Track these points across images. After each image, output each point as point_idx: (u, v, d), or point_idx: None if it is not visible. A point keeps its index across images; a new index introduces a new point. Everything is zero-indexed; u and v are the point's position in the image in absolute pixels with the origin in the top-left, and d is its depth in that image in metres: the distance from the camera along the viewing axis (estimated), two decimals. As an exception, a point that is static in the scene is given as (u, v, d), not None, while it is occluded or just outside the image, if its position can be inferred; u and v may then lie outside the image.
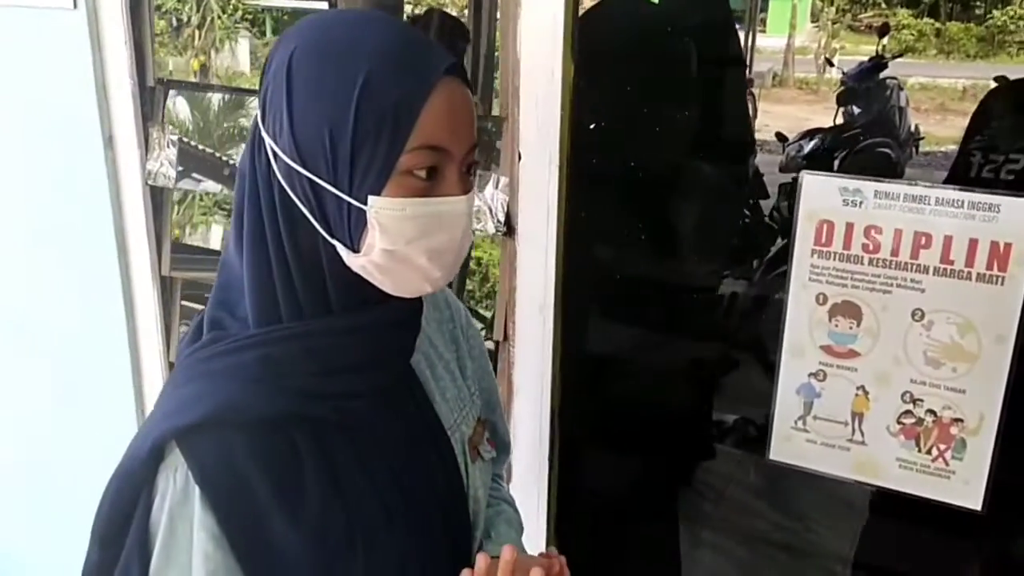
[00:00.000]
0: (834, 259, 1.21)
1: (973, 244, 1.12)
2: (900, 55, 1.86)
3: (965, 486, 1.22)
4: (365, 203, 0.79)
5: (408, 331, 0.92)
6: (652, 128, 1.57)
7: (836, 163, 2.46)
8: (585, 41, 1.30)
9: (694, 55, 1.67)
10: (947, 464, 1.22)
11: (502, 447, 1.12)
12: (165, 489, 0.82)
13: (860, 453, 1.27)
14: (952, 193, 1.12)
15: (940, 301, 1.16)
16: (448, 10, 1.49)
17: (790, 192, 2.02)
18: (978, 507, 1.21)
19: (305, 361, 0.84)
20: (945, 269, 1.15)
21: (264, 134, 0.82)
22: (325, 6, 1.60)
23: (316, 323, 0.84)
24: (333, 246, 0.82)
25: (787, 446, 1.31)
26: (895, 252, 1.17)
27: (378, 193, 0.79)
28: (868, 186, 1.16)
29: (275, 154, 0.81)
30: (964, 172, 1.44)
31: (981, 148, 1.40)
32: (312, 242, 0.83)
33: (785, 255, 1.94)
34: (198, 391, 0.84)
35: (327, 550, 0.84)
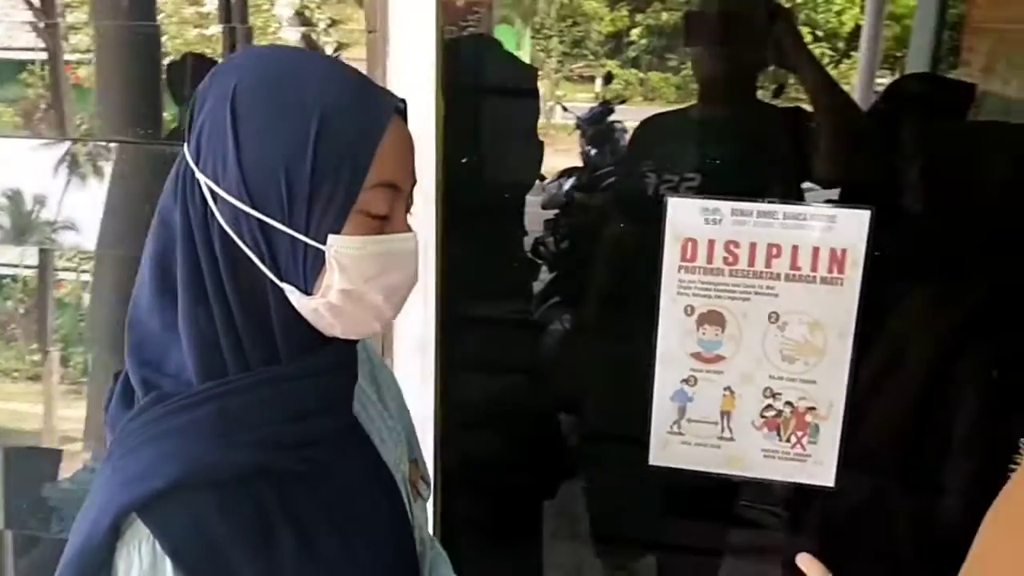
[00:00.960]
0: (699, 273, 1.33)
1: (816, 251, 1.29)
2: (623, 101, 2.05)
3: (819, 467, 1.37)
4: (324, 243, 0.77)
5: (351, 373, 0.90)
6: (510, 162, 1.64)
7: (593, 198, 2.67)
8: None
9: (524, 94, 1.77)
10: (804, 449, 1.37)
11: (426, 485, 1.12)
12: (128, 568, 0.76)
13: (730, 448, 1.39)
14: (796, 208, 1.28)
15: (792, 304, 1.31)
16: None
17: (554, 227, 2.15)
18: (831, 484, 1.37)
19: (263, 411, 0.80)
20: (794, 275, 1.30)
21: (200, 176, 0.78)
22: (44, 56, 1.50)
23: (268, 372, 0.81)
24: (280, 290, 0.79)
25: (665, 451, 1.41)
26: (751, 263, 1.31)
27: (337, 232, 0.78)
28: (726, 205, 1.30)
29: (215, 196, 0.77)
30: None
31: (654, 170, 1.57)
32: (258, 287, 0.80)
33: (555, 288, 2.06)
34: (157, 454, 0.77)
35: None
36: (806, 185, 1.43)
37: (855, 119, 1.52)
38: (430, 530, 1.46)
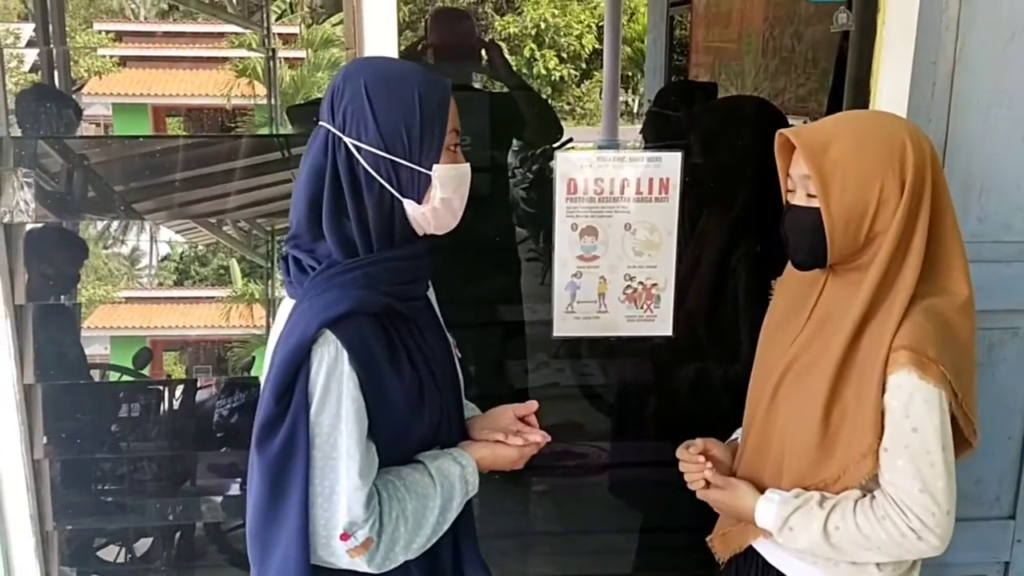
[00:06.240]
0: (579, 201, 2.02)
1: (651, 181, 2.02)
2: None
3: (663, 323, 2.11)
4: (430, 169, 1.32)
5: (428, 261, 1.44)
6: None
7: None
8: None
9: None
10: (652, 312, 2.10)
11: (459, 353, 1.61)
12: (321, 358, 1.25)
13: (605, 318, 2.09)
14: (635, 153, 2.02)
15: (638, 216, 2.03)
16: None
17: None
18: (670, 332, 2.11)
19: (390, 276, 1.32)
20: (639, 197, 2.02)
21: (345, 138, 1.28)
22: None
23: (392, 252, 1.33)
24: (400, 203, 1.32)
25: (564, 325, 2.08)
26: (611, 191, 2.02)
27: (437, 162, 1.33)
28: (592, 154, 2.00)
29: (358, 149, 1.28)
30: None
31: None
32: (385, 204, 1.31)
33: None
34: (337, 295, 1.27)
35: (411, 401, 1.34)
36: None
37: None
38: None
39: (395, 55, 1.87)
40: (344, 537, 1.26)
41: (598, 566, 2.28)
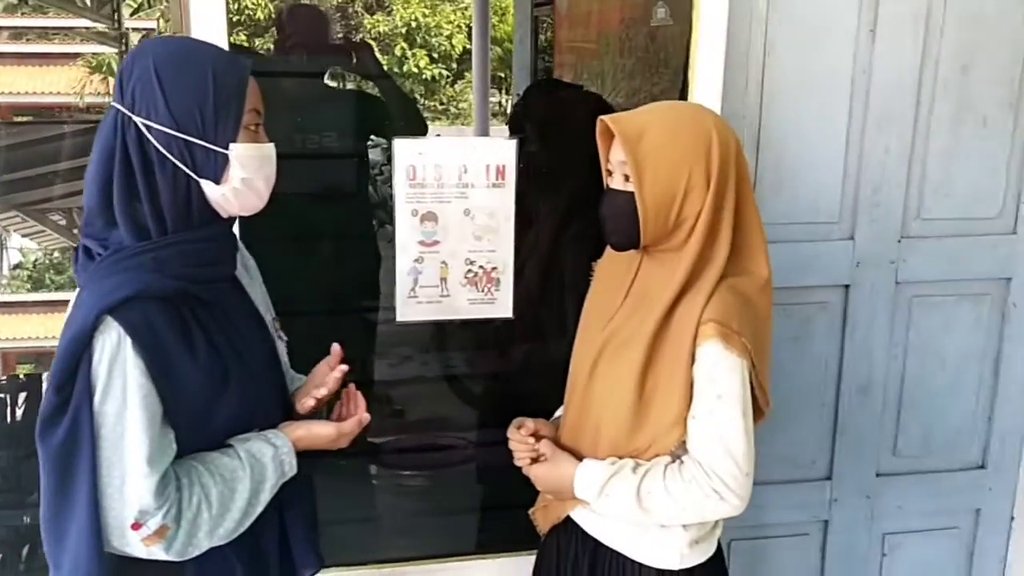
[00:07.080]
0: (418, 187, 2.07)
1: (487, 167, 2.09)
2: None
3: (503, 305, 2.18)
4: (227, 148, 1.31)
5: (234, 242, 1.45)
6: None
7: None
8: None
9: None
10: (492, 295, 2.17)
11: (283, 335, 1.60)
12: (103, 346, 1.21)
13: (447, 302, 2.14)
14: (473, 140, 2.08)
15: (477, 202, 2.10)
16: None
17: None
18: (510, 315, 2.19)
19: (183, 259, 1.29)
20: (477, 183, 2.09)
21: (136, 118, 1.26)
22: None
23: (187, 235, 1.30)
24: (197, 184, 1.29)
25: (406, 310, 2.13)
26: (451, 178, 2.08)
27: (235, 141, 1.32)
28: (431, 141, 2.06)
29: (149, 129, 1.26)
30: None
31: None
32: (182, 183, 1.29)
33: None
34: (121, 279, 1.24)
35: (212, 384, 1.31)
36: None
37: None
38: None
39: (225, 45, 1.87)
40: (136, 526, 1.23)
41: (442, 547, 2.33)
